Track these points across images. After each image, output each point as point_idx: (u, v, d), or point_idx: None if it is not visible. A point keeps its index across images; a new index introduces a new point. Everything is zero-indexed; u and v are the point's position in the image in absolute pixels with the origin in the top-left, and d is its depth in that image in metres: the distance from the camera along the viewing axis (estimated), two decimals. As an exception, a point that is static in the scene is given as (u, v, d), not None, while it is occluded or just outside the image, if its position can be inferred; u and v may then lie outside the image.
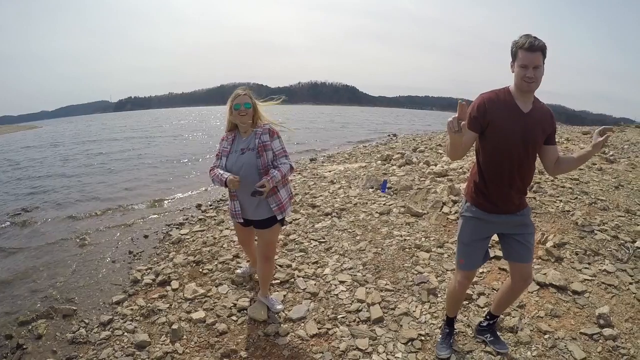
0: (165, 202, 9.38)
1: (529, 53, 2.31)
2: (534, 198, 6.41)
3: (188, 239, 6.02)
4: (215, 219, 6.94)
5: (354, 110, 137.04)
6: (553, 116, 2.61)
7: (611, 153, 11.68)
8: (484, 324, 3.29)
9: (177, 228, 6.79)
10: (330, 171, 10.57)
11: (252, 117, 3.37)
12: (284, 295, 4.05)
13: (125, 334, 3.58)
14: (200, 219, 7.12)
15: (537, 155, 2.64)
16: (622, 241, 5.03)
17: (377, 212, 6.38)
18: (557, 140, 2.75)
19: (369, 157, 13.02)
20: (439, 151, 12.42)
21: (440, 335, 3.28)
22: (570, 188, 7.10)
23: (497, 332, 3.31)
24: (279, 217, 3.42)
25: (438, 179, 7.99)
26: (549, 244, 4.80)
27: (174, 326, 3.52)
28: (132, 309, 3.99)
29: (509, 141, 2.46)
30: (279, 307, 3.75)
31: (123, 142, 25.78)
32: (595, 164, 9.59)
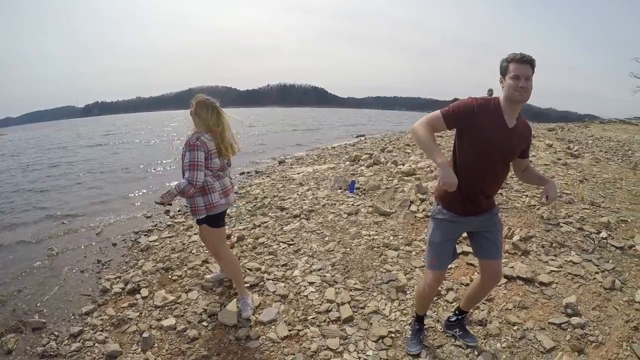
0: (133, 209, 9.21)
1: (520, 64, 2.38)
2: (501, 194, 6.56)
3: (157, 245, 5.94)
4: (184, 225, 6.87)
5: (323, 111, 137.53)
6: (531, 132, 2.74)
7: (576, 148, 12.03)
8: (453, 318, 3.36)
9: (145, 235, 6.71)
10: (298, 173, 10.56)
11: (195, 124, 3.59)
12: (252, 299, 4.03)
13: (96, 344, 3.52)
14: (169, 225, 7.04)
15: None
16: (587, 232, 5.19)
17: (345, 213, 6.41)
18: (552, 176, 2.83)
19: (337, 159, 13.07)
20: (407, 151, 12.54)
21: (410, 332, 3.32)
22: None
23: (466, 326, 3.38)
24: (194, 218, 3.65)
25: (406, 178, 8.07)
26: (515, 238, 4.92)
27: (145, 334, 3.49)
28: (102, 319, 3.93)
29: (490, 152, 2.51)
30: (246, 314, 3.75)
31: (88, 150, 25.18)
32: (561, 159, 9.87)
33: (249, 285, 4.26)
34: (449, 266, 4.28)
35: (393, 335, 3.42)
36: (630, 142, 15.25)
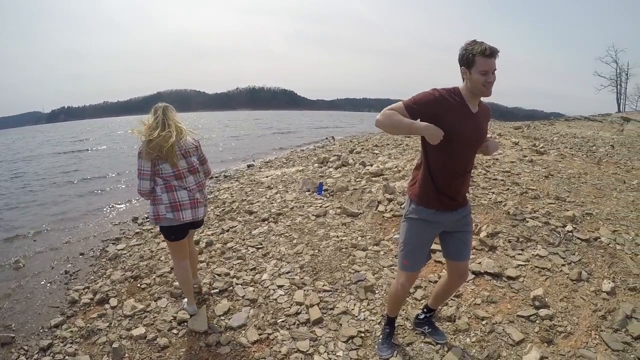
0: (101, 217, 9.05)
1: (489, 59, 2.35)
2: (467, 192, 6.63)
3: (125, 254, 5.87)
4: (152, 232, 6.79)
5: (293, 114, 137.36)
6: (490, 111, 2.75)
7: (541, 146, 12.34)
8: (422, 316, 3.39)
9: (113, 243, 6.63)
10: (267, 176, 10.53)
11: None
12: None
13: (67, 357, 3.46)
14: (137, 233, 6.97)
15: None
16: (553, 226, 5.32)
17: (313, 215, 6.41)
18: (490, 135, 2.87)
19: (306, 161, 13.07)
20: (375, 152, 12.65)
21: (381, 335, 3.32)
22: (502, 180, 7.45)
23: (435, 323, 3.41)
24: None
25: (374, 178, 8.12)
26: (482, 234, 5.00)
27: (115, 345, 3.43)
28: (71, 331, 3.85)
29: (462, 141, 2.51)
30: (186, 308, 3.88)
31: (52, 158, 24.50)
32: (527, 156, 10.10)
33: (218, 290, 4.25)
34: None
35: (363, 334, 3.43)
36: (595, 138, 15.75)
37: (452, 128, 2.44)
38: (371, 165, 9.58)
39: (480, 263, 4.35)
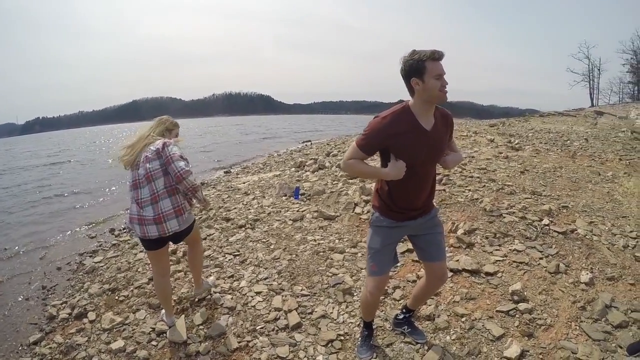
0: (77, 230, 8.86)
1: (439, 62, 2.31)
2: (444, 190, 6.72)
3: (102, 266, 5.78)
4: (129, 243, 6.71)
5: (271, 119, 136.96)
6: (449, 118, 2.64)
7: (517, 142, 12.50)
8: (401, 316, 3.38)
9: (90, 256, 6.50)
10: (244, 182, 10.46)
11: None
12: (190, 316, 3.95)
13: None
14: (114, 244, 6.86)
15: None
16: (529, 221, 5.39)
17: (290, 220, 6.39)
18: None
19: (283, 165, 13.04)
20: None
21: (360, 338, 3.31)
22: (478, 177, 7.52)
23: (415, 323, 3.42)
24: None
25: (350, 180, 8.11)
26: (460, 232, 5.04)
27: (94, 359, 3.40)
28: (50, 347, 3.77)
29: (415, 161, 2.46)
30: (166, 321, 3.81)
31: (25, 172, 24.03)
32: (502, 153, 10.23)
33: (196, 300, 4.22)
34: (396, 265, 4.36)
35: (342, 337, 3.43)
36: (569, 133, 16.01)
37: (407, 152, 2.42)
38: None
39: (458, 260, 4.38)
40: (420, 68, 2.29)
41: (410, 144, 2.40)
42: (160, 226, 3.26)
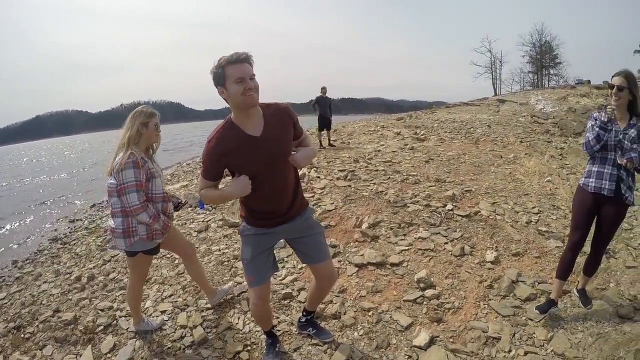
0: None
1: (241, 65, 2.21)
2: (349, 186, 6.79)
3: (6, 303, 5.26)
4: (32, 274, 6.17)
5: (183, 127, 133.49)
6: (287, 111, 2.56)
7: (422, 133, 12.95)
8: (303, 319, 3.34)
9: (-7, 293, 5.91)
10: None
11: None
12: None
13: None
14: (17, 277, 6.27)
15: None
16: (433, 208, 5.57)
17: (195, 231, 6.22)
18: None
19: (191, 175, 12.76)
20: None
21: (265, 347, 3.22)
22: (384, 170, 7.70)
23: (320, 323, 3.38)
24: None
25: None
26: (364, 226, 5.10)
27: None
28: None
29: (258, 171, 2.39)
30: (151, 327, 3.74)
31: None
32: (407, 145, 10.55)
33: (102, 327, 3.97)
34: (300, 266, 4.32)
35: (249, 348, 3.34)
36: (473, 121, 16.79)
37: (245, 165, 2.37)
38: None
39: (362, 255, 4.41)
40: (222, 76, 2.23)
41: (244, 156, 2.35)
42: (122, 240, 3.28)
